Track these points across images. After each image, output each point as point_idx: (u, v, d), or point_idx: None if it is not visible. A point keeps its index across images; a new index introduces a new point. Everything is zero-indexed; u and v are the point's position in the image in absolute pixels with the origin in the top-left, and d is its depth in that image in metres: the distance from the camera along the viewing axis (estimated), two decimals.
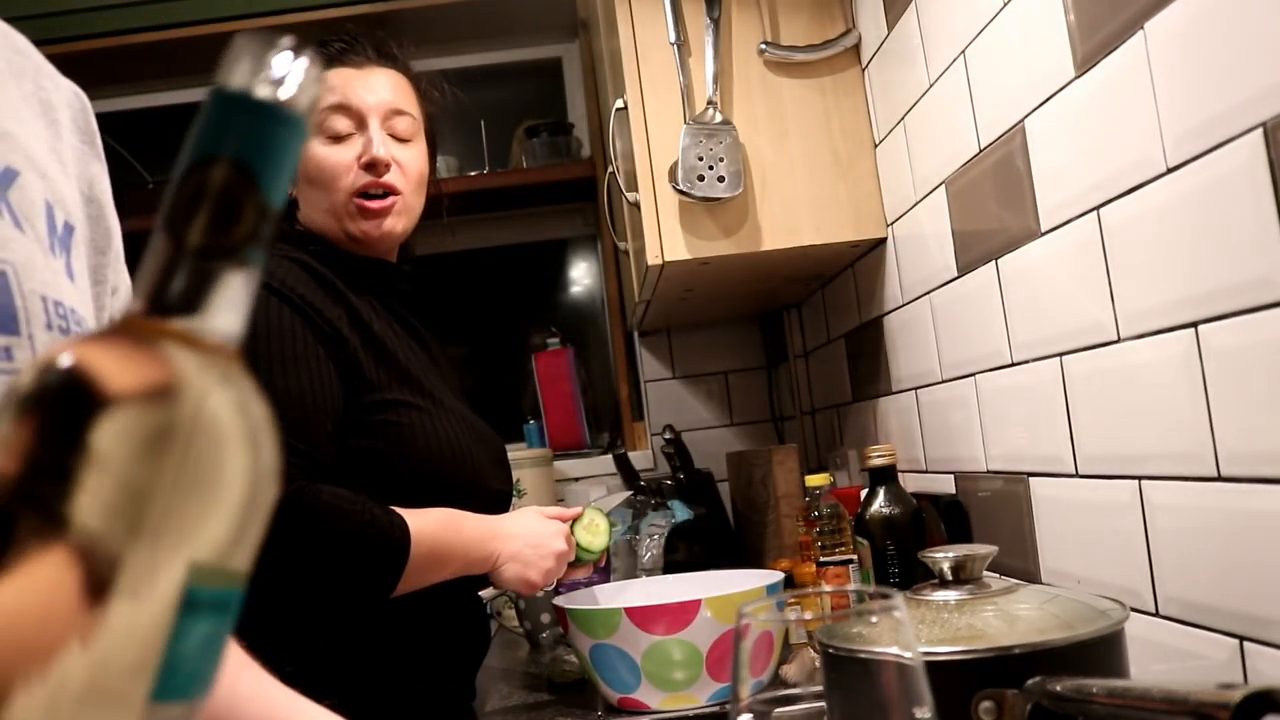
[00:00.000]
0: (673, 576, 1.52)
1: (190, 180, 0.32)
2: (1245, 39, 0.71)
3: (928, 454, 1.44)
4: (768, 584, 1.27)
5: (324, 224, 1.35)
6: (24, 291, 0.55)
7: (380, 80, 1.37)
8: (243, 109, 0.32)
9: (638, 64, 1.54)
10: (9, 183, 0.58)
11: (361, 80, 1.35)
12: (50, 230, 0.60)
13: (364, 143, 1.32)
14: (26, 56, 0.67)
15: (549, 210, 2.66)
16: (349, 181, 1.32)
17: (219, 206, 0.31)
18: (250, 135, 0.32)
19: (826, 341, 1.96)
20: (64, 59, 2.72)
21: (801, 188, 1.52)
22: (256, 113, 0.32)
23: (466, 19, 2.46)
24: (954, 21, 1.19)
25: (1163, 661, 0.87)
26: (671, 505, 1.99)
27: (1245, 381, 0.74)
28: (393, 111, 1.34)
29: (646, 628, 1.21)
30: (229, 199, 0.31)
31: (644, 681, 1.23)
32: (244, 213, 0.31)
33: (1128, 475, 0.91)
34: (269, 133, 0.32)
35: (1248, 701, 0.47)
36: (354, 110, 1.33)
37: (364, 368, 1.23)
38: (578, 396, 2.49)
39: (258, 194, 0.32)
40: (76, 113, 0.69)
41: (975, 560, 0.80)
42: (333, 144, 1.32)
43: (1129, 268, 0.88)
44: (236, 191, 0.31)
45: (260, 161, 0.32)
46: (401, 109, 1.36)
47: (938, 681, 0.70)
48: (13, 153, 0.60)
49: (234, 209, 0.31)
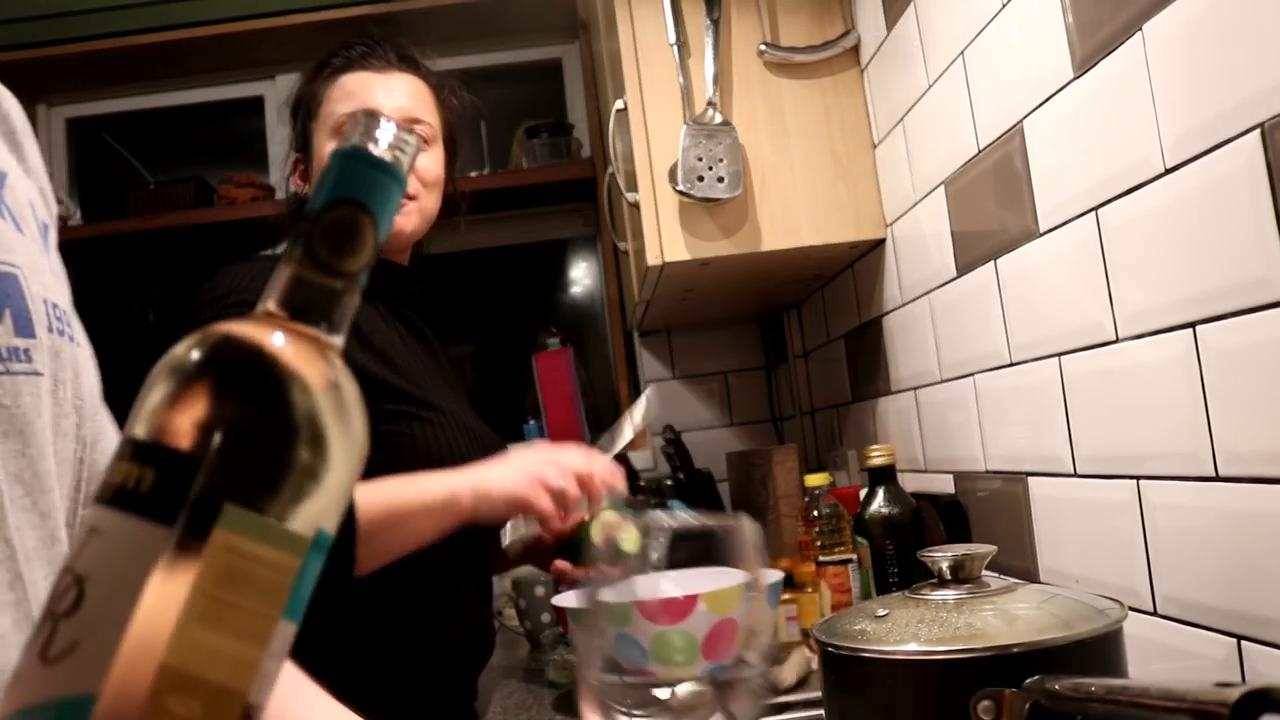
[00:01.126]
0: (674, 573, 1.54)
1: (326, 216, 0.39)
2: (1243, 41, 0.71)
3: (927, 454, 1.44)
4: (767, 583, 1.29)
5: None
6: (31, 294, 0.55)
7: (399, 85, 1.38)
8: (361, 163, 0.40)
9: (638, 65, 1.54)
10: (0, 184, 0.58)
11: (380, 85, 1.36)
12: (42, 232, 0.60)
13: None
14: None
15: (549, 210, 2.66)
16: None
17: (350, 238, 0.39)
18: (367, 183, 0.40)
19: (826, 342, 1.96)
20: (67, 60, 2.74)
21: (801, 188, 1.52)
22: (371, 165, 0.40)
23: (467, 19, 2.46)
24: (953, 22, 1.20)
25: (1161, 661, 0.87)
26: (671, 505, 1.99)
27: (1243, 382, 0.74)
28: (410, 118, 1.36)
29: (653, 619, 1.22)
30: (357, 232, 0.39)
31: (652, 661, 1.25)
32: (366, 244, 0.39)
33: (1126, 475, 0.91)
34: (379, 181, 0.40)
35: (1245, 700, 0.47)
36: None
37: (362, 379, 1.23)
38: (578, 396, 2.49)
39: (375, 230, 0.40)
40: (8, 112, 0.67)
41: (974, 560, 0.81)
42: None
43: (1127, 268, 0.89)
44: (363, 227, 0.39)
45: (376, 204, 0.40)
46: (419, 116, 1.37)
47: (937, 681, 0.71)
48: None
49: (360, 241, 0.39)
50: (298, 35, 2.43)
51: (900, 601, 0.80)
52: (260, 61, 2.56)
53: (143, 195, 2.46)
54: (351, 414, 0.38)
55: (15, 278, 0.54)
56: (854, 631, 0.77)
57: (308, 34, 2.42)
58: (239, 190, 2.47)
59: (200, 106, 2.65)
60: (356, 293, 0.40)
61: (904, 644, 0.73)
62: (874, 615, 0.78)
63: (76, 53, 2.38)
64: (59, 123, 2.62)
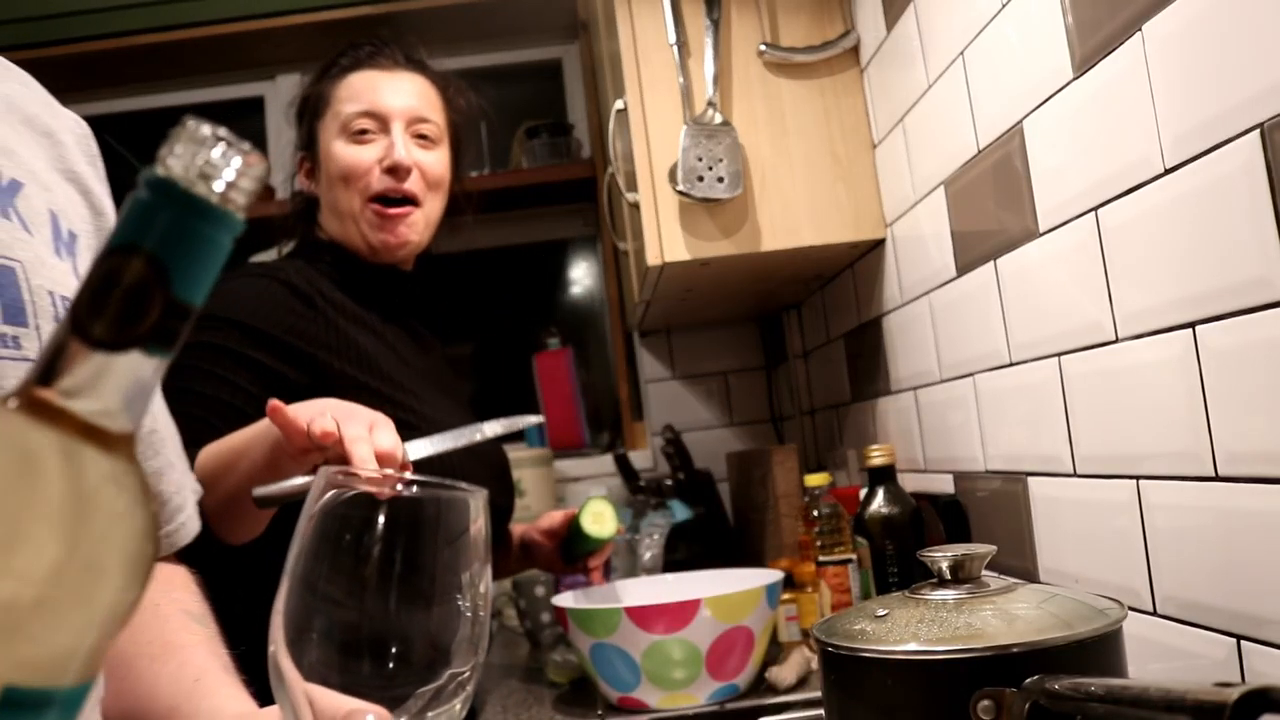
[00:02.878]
0: (672, 575, 1.53)
1: (102, 267, 0.31)
2: (1243, 41, 0.71)
3: (926, 454, 1.44)
4: (767, 583, 1.28)
5: (342, 232, 1.36)
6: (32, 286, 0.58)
7: (406, 85, 1.37)
8: (169, 201, 0.31)
9: (638, 65, 1.54)
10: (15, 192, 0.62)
11: (388, 84, 1.36)
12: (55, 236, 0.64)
13: (386, 146, 1.33)
14: (27, 87, 0.72)
15: (549, 211, 2.66)
16: (369, 183, 1.33)
17: (126, 301, 0.30)
18: (172, 230, 0.31)
19: (826, 342, 1.96)
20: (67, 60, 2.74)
21: (801, 188, 1.53)
22: (184, 206, 0.31)
23: (467, 19, 2.46)
24: (953, 23, 1.20)
25: (1160, 660, 0.87)
26: (671, 505, 1.99)
27: (1243, 382, 0.74)
28: (417, 118, 1.35)
29: (646, 627, 1.21)
30: (138, 295, 0.30)
31: (644, 680, 1.23)
32: (150, 309, 0.30)
33: (1126, 475, 0.92)
34: (194, 229, 0.31)
35: (1245, 700, 0.47)
36: (379, 114, 1.34)
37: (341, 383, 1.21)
38: (578, 396, 2.50)
39: (168, 292, 0.30)
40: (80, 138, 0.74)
41: (974, 559, 0.81)
42: (356, 144, 1.33)
43: (1127, 268, 0.89)
44: (147, 287, 0.30)
45: (178, 259, 0.30)
46: (426, 116, 1.37)
47: (937, 680, 0.71)
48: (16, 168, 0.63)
49: (141, 305, 0.30)
50: (298, 35, 2.43)
51: (900, 601, 0.80)
52: (260, 62, 2.56)
53: None
54: (94, 523, 0.29)
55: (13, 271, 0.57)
56: (854, 631, 0.77)
57: (308, 34, 2.42)
58: None
59: (200, 107, 2.65)
60: (151, 359, 0.31)
61: (904, 644, 0.73)
62: (874, 615, 0.78)
63: (76, 53, 2.38)
64: None
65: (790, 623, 1.50)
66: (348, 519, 0.49)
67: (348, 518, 0.49)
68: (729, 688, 1.26)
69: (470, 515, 0.51)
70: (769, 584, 1.27)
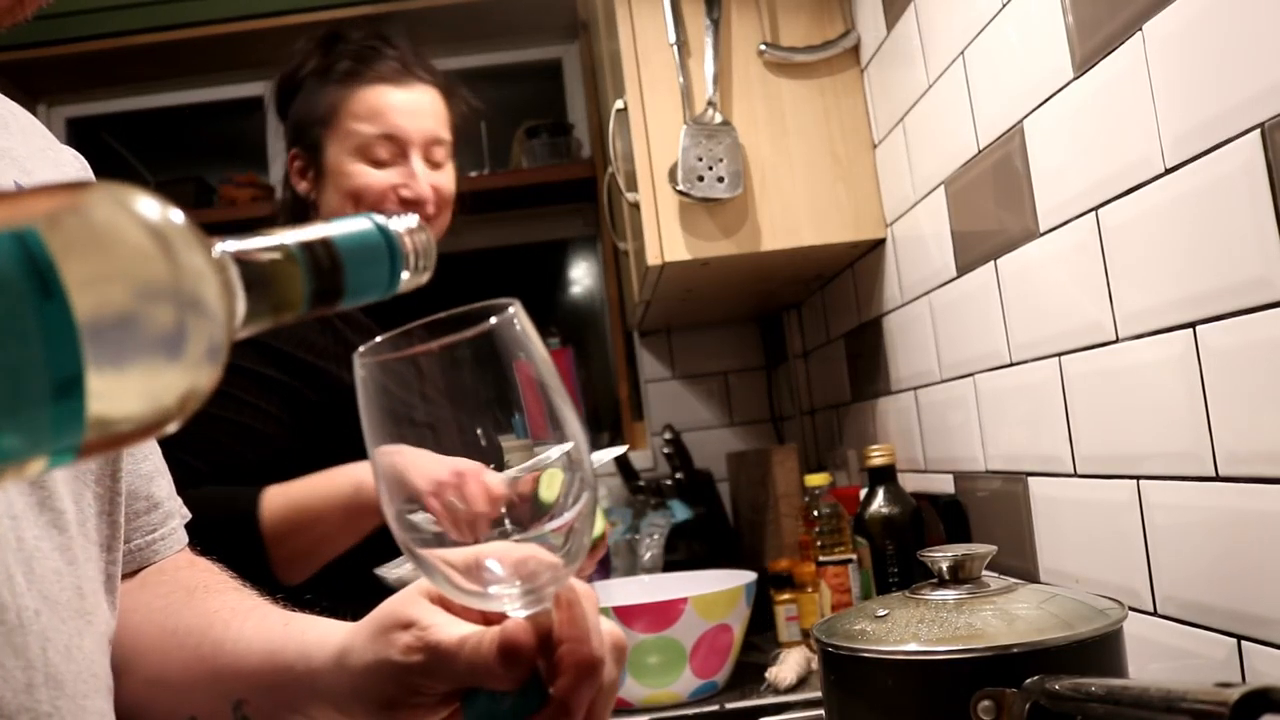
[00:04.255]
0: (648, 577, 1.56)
1: (311, 246, 0.40)
2: (1243, 41, 0.71)
3: (927, 454, 1.44)
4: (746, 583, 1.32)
5: None
6: None
7: (423, 103, 1.37)
8: (384, 256, 0.42)
9: (638, 65, 1.54)
10: None
11: (407, 107, 1.36)
12: None
13: (404, 174, 1.34)
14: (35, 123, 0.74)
15: (549, 210, 2.66)
16: (385, 208, 1.34)
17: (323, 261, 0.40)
18: (368, 270, 0.42)
19: (826, 342, 1.96)
20: (66, 60, 2.73)
21: (801, 188, 1.52)
22: (386, 267, 0.42)
23: (466, 19, 2.46)
24: (953, 22, 1.20)
25: (1161, 660, 0.87)
26: (671, 505, 1.99)
27: (1243, 381, 0.74)
28: (433, 140, 1.36)
29: (632, 626, 1.23)
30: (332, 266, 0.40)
31: (628, 678, 1.25)
32: (290, 294, 0.39)
33: (1126, 475, 0.91)
34: (376, 276, 0.42)
35: (1245, 700, 0.47)
36: (397, 139, 1.34)
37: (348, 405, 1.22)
38: (578, 396, 2.49)
39: (299, 292, 0.40)
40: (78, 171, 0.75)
41: (974, 560, 0.81)
42: (374, 168, 1.34)
43: (1127, 268, 0.89)
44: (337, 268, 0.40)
45: (352, 284, 0.41)
46: (440, 137, 1.38)
47: (937, 681, 0.71)
48: None
49: (284, 289, 0.39)
50: (297, 35, 2.41)
51: (900, 601, 0.80)
52: (260, 61, 2.56)
53: None
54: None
55: None
56: (854, 631, 0.77)
57: (307, 34, 2.42)
58: (239, 190, 2.47)
59: (200, 106, 2.65)
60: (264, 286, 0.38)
61: (904, 644, 0.73)
62: (874, 615, 0.78)
63: (76, 53, 2.38)
64: (59, 123, 2.62)
65: (790, 623, 1.50)
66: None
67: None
68: (709, 685, 1.29)
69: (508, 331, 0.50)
70: (748, 583, 1.31)
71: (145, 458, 0.73)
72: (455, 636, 0.50)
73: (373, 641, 0.53)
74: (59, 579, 0.57)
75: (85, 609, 0.59)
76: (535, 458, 0.50)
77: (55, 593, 0.56)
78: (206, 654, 0.65)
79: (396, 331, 0.48)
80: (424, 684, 0.51)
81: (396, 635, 0.52)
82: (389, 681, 0.52)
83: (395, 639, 0.52)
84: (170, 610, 0.69)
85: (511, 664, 0.47)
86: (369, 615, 0.55)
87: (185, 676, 0.66)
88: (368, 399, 0.49)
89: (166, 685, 0.67)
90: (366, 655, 0.53)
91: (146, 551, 0.73)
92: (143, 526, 0.72)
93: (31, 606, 0.54)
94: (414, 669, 0.51)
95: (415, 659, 0.51)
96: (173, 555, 0.75)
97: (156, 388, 0.32)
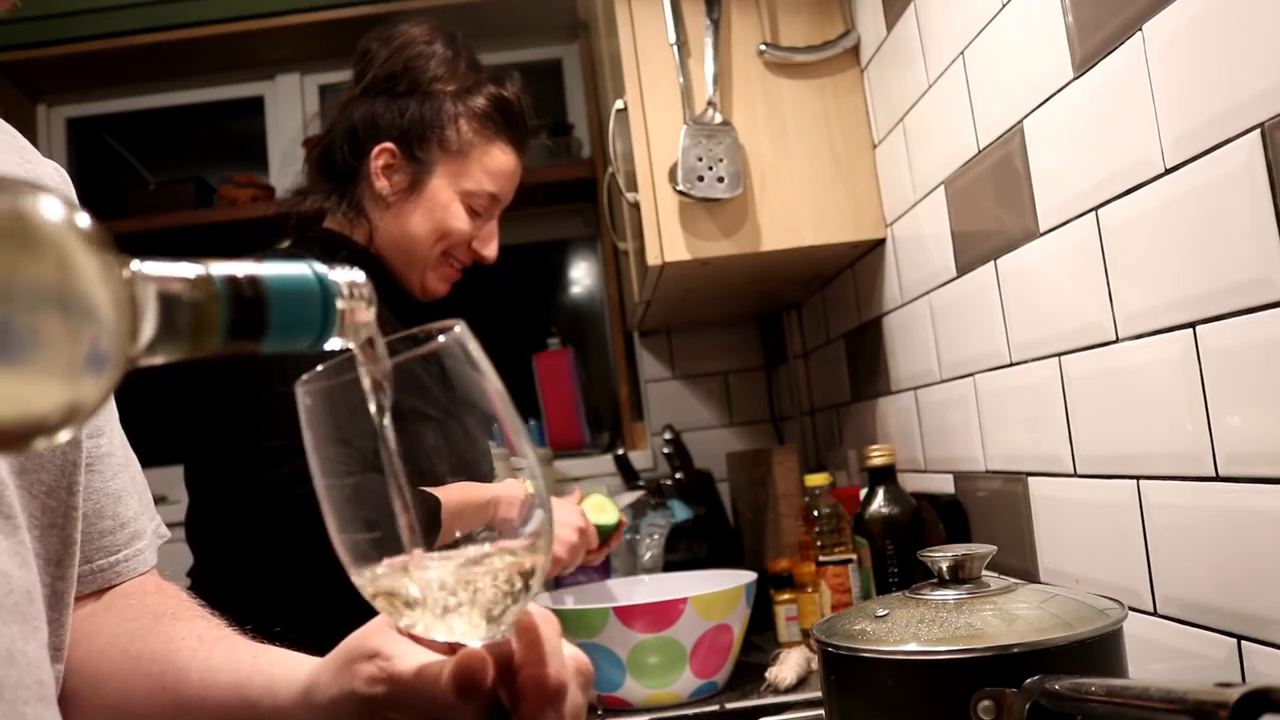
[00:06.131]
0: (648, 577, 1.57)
1: (237, 284, 0.39)
2: (1243, 41, 0.71)
3: (927, 454, 1.44)
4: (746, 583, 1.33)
5: (397, 256, 1.40)
6: None
7: (519, 173, 1.45)
8: (320, 317, 0.42)
9: (638, 65, 1.54)
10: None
11: (516, 176, 1.44)
12: None
13: (486, 231, 1.43)
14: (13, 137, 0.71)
15: (549, 210, 2.66)
16: (459, 250, 1.41)
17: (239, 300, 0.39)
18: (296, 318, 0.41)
19: (826, 342, 1.96)
20: (67, 60, 2.73)
21: (801, 188, 1.52)
22: (320, 326, 0.42)
23: (466, 19, 2.46)
24: (953, 22, 1.20)
25: (1161, 661, 0.87)
26: (671, 505, 1.99)
27: (1243, 382, 0.74)
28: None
29: (633, 626, 1.23)
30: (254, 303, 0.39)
31: (628, 679, 1.25)
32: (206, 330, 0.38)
33: (1126, 475, 0.91)
34: (302, 329, 0.42)
35: (1245, 700, 0.47)
36: (498, 202, 1.42)
37: None
38: (578, 396, 2.49)
39: (215, 330, 0.39)
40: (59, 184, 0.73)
41: (974, 560, 0.81)
42: (469, 215, 1.39)
43: (1127, 268, 0.89)
44: (260, 307, 0.40)
45: (273, 333, 0.40)
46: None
47: (937, 681, 0.71)
48: None
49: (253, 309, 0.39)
50: (297, 35, 2.43)
51: (900, 601, 0.80)
52: (260, 61, 2.56)
53: (143, 195, 2.46)
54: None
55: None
56: (854, 631, 0.77)
57: (307, 34, 2.42)
58: (239, 190, 2.47)
59: (200, 106, 2.65)
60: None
61: (904, 644, 0.73)
62: (874, 615, 0.78)
63: (76, 53, 2.38)
64: (59, 123, 2.62)
65: (790, 623, 1.50)
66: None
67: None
68: (709, 685, 1.29)
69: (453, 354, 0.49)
70: (747, 583, 1.31)
71: (115, 475, 0.72)
72: (414, 667, 0.49)
73: (338, 674, 0.53)
74: (8, 581, 0.56)
75: (32, 614, 0.58)
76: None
77: (2, 595, 0.55)
78: (170, 684, 0.64)
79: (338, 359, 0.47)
80: (386, 715, 0.50)
81: (361, 666, 0.52)
82: (352, 713, 0.52)
83: (359, 670, 0.52)
84: (136, 635, 0.68)
85: (468, 694, 0.47)
86: (337, 646, 0.55)
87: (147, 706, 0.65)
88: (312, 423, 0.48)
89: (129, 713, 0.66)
90: (332, 689, 0.53)
91: (109, 572, 0.71)
92: (107, 546, 0.71)
93: None
94: (377, 700, 0.50)
95: (378, 690, 0.50)
96: (139, 578, 0.73)
97: (23, 391, 0.30)
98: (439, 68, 1.40)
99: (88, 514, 0.67)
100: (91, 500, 0.68)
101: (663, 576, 1.57)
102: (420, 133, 1.37)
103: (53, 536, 0.63)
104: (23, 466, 0.60)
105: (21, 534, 0.58)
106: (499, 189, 1.40)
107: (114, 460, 0.72)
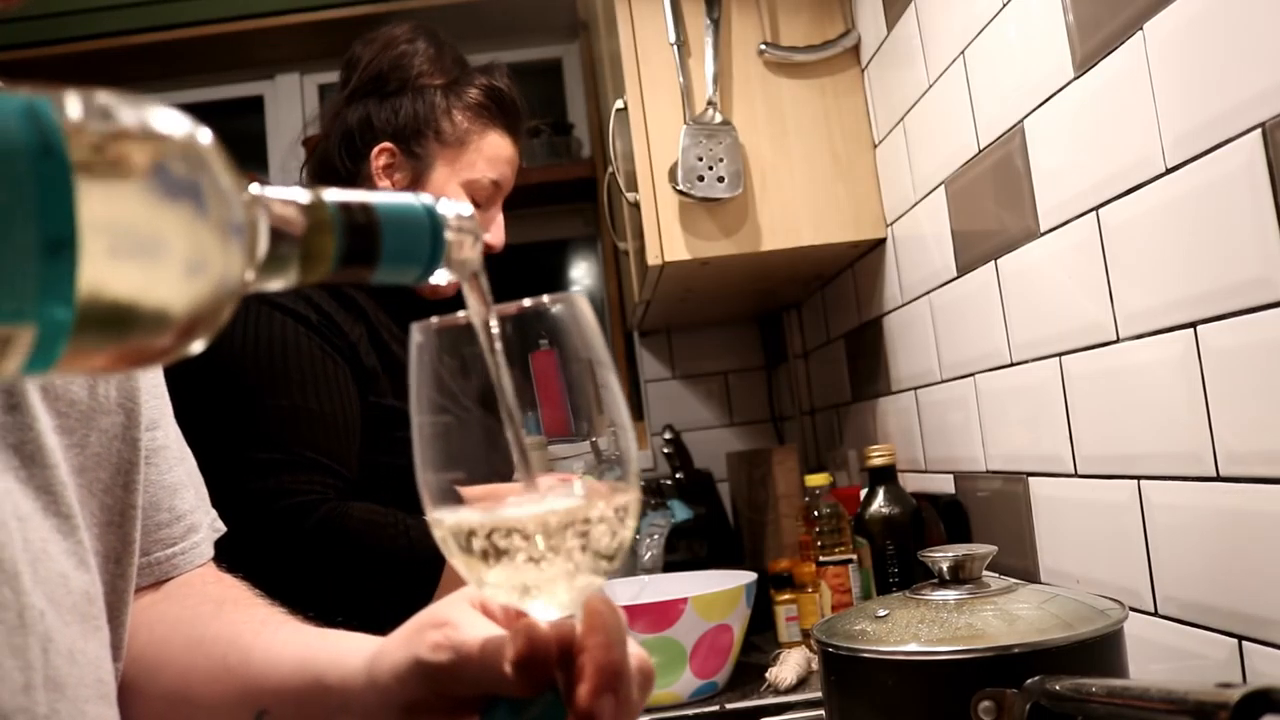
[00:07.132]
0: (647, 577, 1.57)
1: (354, 209, 0.39)
2: (1244, 40, 0.71)
3: (927, 454, 1.44)
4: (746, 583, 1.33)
5: None
6: None
7: (516, 159, 1.44)
8: (431, 243, 0.41)
9: (638, 64, 1.54)
10: None
11: (514, 162, 1.43)
12: None
13: (490, 219, 1.42)
14: None
15: (549, 210, 2.66)
16: None
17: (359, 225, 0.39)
18: (410, 246, 0.41)
19: (826, 342, 1.96)
20: (66, 60, 2.74)
21: (801, 188, 1.52)
22: (429, 253, 0.41)
23: (466, 19, 2.46)
24: (953, 22, 1.19)
25: (1161, 661, 0.87)
26: (671, 505, 1.99)
27: (1243, 382, 0.74)
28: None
29: (633, 626, 1.24)
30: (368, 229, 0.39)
31: None
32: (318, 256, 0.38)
33: (1127, 475, 0.91)
34: (417, 258, 0.41)
35: (1246, 701, 0.47)
36: (500, 189, 1.42)
37: (382, 388, 1.25)
38: (564, 395, 2.49)
39: (378, 247, 0.39)
40: None
41: (974, 560, 0.81)
42: (474, 207, 1.40)
43: (1128, 268, 0.89)
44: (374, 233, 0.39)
45: (386, 257, 0.40)
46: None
47: (937, 681, 0.71)
48: None
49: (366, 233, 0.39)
50: (297, 35, 2.43)
51: (900, 601, 0.80)
52: (260, 61, 2.56)
53: None
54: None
55: None
56: (854, 631, 0.77)
57: (307, 34, 2.42)
58: None
59: (199, 106, 2.65)
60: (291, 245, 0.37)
61: (904, 644, 0.73)
62: (874, 615, 0.78)
63: (76, 52, 2.38)
64: None
65: (790, 623, 1.50)
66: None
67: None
68: (709, 685, 1.29)
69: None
70: (748, 583, 1.31)
71: (171, 468, 0.72)
72: (479, 638, 0.49)
73: (406, 641, 0.52)
74: (66, 582, 0.56)
75: (93, 614, 0.59)
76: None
77: (61, 595, 0.56)
78: (234, 664, 0.63)
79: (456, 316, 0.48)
80: (447, 685, 0.50)
81: (428, 633, 0.51)
82: (414, 681, 0.51)
83: (426, 636, 0.51)
84: (198, 621, 0.68)
85: (525, 668, 0.46)
86: (411, 617, 0.55)
87: (210, 689, 0.64)
88: (420, 360, 0.49)
89: (189, 699, 0.65)
90: (397, 655, 0.52)
91: (166, 565, 0.71)
92: (164, 539, 0.71)
93: (36, 606, 0.53)
94: (440, 669, 0.49)
95: (441, 657, 0.49)
96: (197, 569, 0.73)
97: (154, 276, 0.30)
98: (424, 63, 1.40)
99: (145, 507, 0.66)
100: (149, 493, 0.68)
101: (662, 577, 1.57)
102: (416, 128, 1.37)
103: (111, 535, 0.63)
104: (82, 465, 0.60)
105: (80, 534, 0.58)
106: (499, 176, 1.39)
107: (170, 453, 0.72)
